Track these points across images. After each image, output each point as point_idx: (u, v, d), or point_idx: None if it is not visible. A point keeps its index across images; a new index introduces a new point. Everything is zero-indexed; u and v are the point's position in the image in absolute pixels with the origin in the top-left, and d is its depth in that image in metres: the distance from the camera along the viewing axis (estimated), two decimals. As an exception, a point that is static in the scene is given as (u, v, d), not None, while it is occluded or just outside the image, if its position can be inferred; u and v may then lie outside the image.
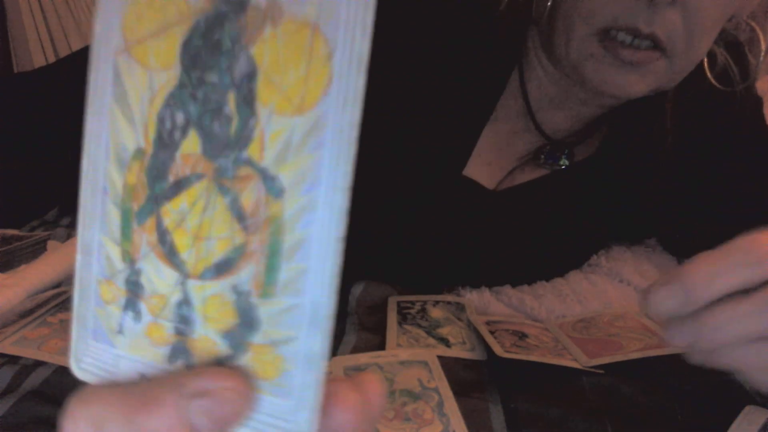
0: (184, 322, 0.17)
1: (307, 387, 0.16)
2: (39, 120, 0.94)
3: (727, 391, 0.40)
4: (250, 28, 0.15)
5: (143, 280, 0.17)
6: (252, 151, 0.15)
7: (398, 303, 0.59)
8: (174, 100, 0.16)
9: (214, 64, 0.15)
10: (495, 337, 0.52)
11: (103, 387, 0.17)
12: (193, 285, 0.17)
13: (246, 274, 0.16)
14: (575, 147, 0.64)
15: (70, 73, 1.00)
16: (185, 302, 0.17)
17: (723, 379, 0.44)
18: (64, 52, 1.33)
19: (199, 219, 0.16)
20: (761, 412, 0.41)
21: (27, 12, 1.36)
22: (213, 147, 0.16)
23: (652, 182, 0.64)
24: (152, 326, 0.17)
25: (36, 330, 0.55)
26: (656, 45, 0.47)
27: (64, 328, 0.56)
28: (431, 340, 0.52)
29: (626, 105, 0.59)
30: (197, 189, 0.16)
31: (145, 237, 0.17)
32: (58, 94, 0.95)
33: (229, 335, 0.16)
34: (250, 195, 0.16)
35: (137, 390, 0.16)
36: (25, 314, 0.58)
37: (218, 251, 0.16)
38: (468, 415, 0.42)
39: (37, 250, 0.73)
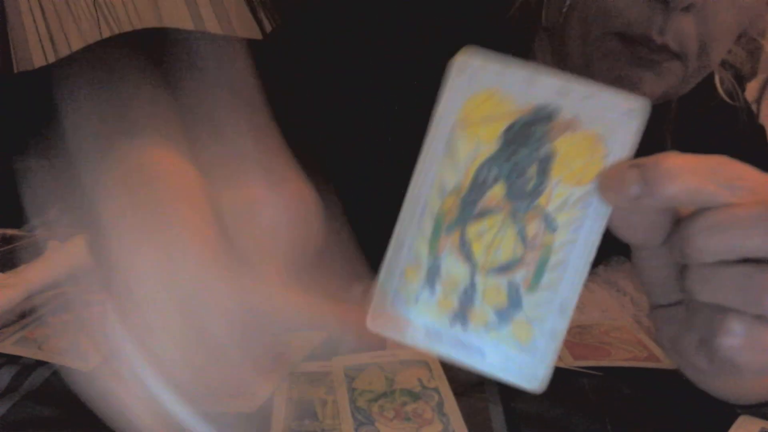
0: (467, 299, 0.25)
1: (546, 352, 0.25)
2: (39, 120, 0.94)
3: (720, 401, 0.40)
4: (556, 131, 0.24)
5: (442, 268, 0.25)
6: (541, 201, 0.24)
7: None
8: (491, 161, 0.24)
9: (525, 144, 0.24)
10: (495, 337, 0.52)
11: None
12: (479, 277, 0.25)
13: (520, 275, 0.24)
14: None
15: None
16: (471, 287, 0.25)
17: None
18: (64, 52, 1.33)
19: (493, 236, 0.24)
20: (755, 422, 0.41)
21: (27, 12, 1.36)
22: (514, 193, 0.24)
23: None
24: (442, 299, 0.25)
25: (36, 330, 0.55)
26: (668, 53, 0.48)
27: (65, 328, 0.56)
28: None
29: None
30: (496, 217, 0.24)
31: (449, 241, 0.25)
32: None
33: (499, 311, 0.25)
34: (534, 227, 0.24)
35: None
36: (26, 314, 0.58)
37: (503, 258, 0.25)
38: (468, 415, 0.42)
39: (37, 250, 0.73)
